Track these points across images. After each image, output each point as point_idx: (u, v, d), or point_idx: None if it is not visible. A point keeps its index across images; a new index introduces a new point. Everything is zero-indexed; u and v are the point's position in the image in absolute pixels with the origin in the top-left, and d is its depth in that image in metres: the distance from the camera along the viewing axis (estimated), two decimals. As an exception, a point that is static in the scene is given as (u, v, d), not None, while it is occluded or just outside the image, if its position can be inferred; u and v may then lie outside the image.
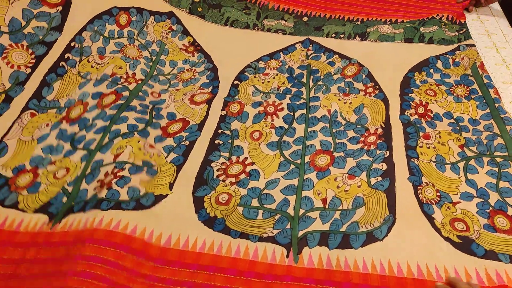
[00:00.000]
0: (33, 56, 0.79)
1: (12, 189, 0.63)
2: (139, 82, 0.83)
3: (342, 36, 1.00)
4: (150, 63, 0.90)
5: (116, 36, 0.91)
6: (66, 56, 0.82)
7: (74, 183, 0.64)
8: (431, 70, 0.88)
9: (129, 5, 0.95)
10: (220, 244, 0.57)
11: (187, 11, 1.03)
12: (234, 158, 0.71)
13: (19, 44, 0.78)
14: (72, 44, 0.84)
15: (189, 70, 0.91)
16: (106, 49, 0.87)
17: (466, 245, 0.56)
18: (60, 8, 0.86)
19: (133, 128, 0.73)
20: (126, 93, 0.79)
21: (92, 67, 0.83)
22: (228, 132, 0.76)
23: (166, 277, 0.53)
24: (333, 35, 1.00)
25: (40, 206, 0.62)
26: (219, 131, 0.76)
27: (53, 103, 0.76)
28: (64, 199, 0.62)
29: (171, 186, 0.65)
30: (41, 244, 0.57)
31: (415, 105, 0.79)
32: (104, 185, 0.63)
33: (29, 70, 0.78)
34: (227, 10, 1.06)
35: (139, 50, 0.91)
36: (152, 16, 0.97)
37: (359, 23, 1.04)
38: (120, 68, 0.84)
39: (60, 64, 0.80)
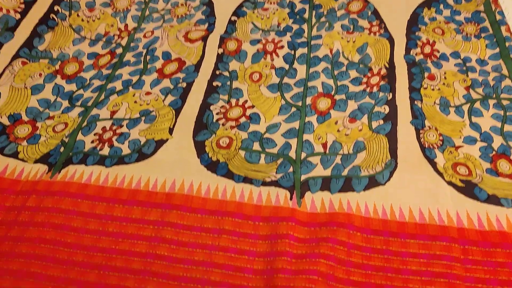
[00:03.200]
0: (22, 0, 0.77)
1: (11, 139, 0.64)
2: (131, 32, 0.80)
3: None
4: (143, 6, 0.85)
5: None
6: (55, 8, 0.80)
7: (71, 135, 0.64)
8: (441, 6, 0.83)
9: None
10: (224, 189, 0.57)
11: None
12: (233, 101, 0.69)
13: None
14: None
15: (183, 4, 0.86)
16: (95, 1, 0.84)
17: (469, 189, 0.56)
18: None
19: (127, 83, 0.72)
20: (119, 50, 0.77)
21: (82, 20, 0.81)
22: (226, 74, 0.73)
23: (174, 222, 0.54)
24: None
25: (40, 156, 0.62)
26: (217, 72, 0.73)
27: (45, 53, 0.75)
28: (62, 149, 0.62)
29: (170, 131, 0.64)
30: (41, 192, 0.57)
31: (421, 44, 0.76)
32: (104, 142, 0.63)
33: (18, 16, 0.76)
34: None
35: None
36: None
37: None
38: (112, 25, 0.82)
39: (51, 17, 0.79)
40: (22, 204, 0.56)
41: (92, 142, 0.63)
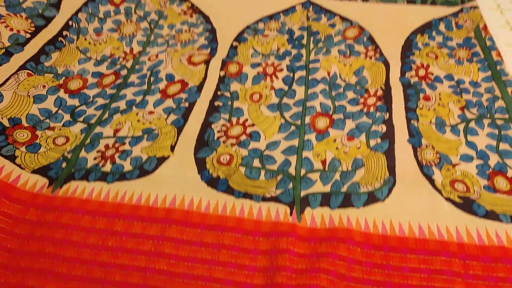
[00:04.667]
0: (32, 25, 0.80)
1: (9, 141, 0.64)
2: (136, 55, 0.83)
3: (343, -4, 0.97)
4: (149, 32, 0.89)
5: (112, 14, 0.89)
6: (64, 33, 0.83)
7: (73, 151, 0.65)
8: (434, 33, 0.86)
9: None
10: (224, 204, 0.57)
11: None
12: (234, 119, 0.70)
13: (18, 15, 0.78)
14: (70, 23, 0.84)
15: (187, 31, 0.89)
16: (103, 27, 0.88)
17: (467, 204, 0.56)
18: None
19: (131, 103, 0.73)
20: (124, 72, 0.79)
21: (89, 43, 0.84)
22: (227, 94, 0.75)
23: (174, 237, 0.54)
24: None
25: (38, 167, 0.62)
26: (219, 93, 0.75)
27: (50, 68, 0.77)
28: (64, 165, 0.62)
29: (172, 148, 0.65)
30: (41, 207, 0.57)
31: (416, 68, 0.78)
32: (107, 159, 0.63)
33: (28, 35, 0.78)
34: None
35: (137, 23, 0.90)
36: None
37: None
38: (118, 48, 0.85)
39: (59, 40, 0.81)
40: (21, 216, 0.56)
41: (95, 159, 0.64)
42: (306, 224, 0.55)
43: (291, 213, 0.56)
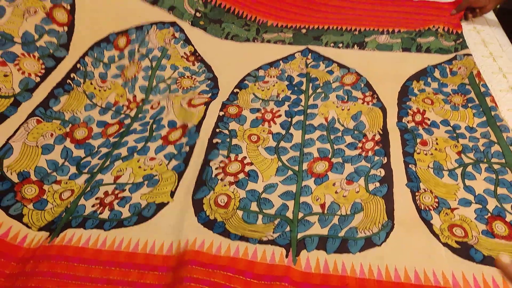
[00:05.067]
0: (43, 66, 0.83)
1: (18, 198, 0.64)
2: (140, 104, 0.85)
3: (340, 45, 1.01)
4: (150, 72, 0.91)
5: (116, 59, 0.93)
6: (71, 75, 0.86)
7: (74, 201, 0.65)
8: (429, 79, 0.89)
9: (128, 26, 0.96)
10: (219, 245, 0.57)
11: (190, 23, 1.04)
12: (232, 156, 0.71)
13: (31, 54, 0.82)
14: (78, 65, 0.87)
15: (190, 77, 0.92)
16: (107, 73, 0.91)
17: (464, 250, 0.56)
18: (65, 28, 0.89)
19: (132, 150, 0.74)
20: (128, 121, 0.82)
21: (95, 88, 0.86)
22: (226, 131, 0.76)
23: (169, 283, 0.53)
24: (332, 44, 1.02)
25: (44, 224, 0.62)
26: (217, 130, 0.76)
27: (58, 114, 0.79)
28: (63, 215, 0.63)
29: (172, 194, 0.65)
30: (39, 258, 0.56)
31: (412, 113, 0.80)
32: (105, 205, 0.63)
33: (38, 79, 0.81)
34: (227, 25, 1.07)
35: (139, 63, 0.92)
36: (154, 25, 0.98)
37: (356, 33, 1.06)
38: (121, 96, 0.87)
39: (67, 82, 0.84)
40: (20, 271, 0.55)
41: (93, 206, 0.64)
42: (301, 267, 0.55)
43: (287, 255, 0.56)
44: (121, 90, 0.88)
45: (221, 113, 0.81)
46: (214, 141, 0.74)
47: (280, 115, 0.81)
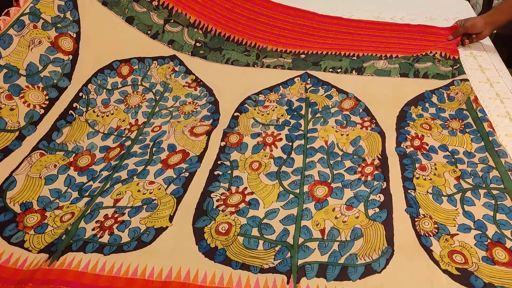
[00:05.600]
0: (47, 97, 0.85)
1: (19, 227, 0.65)
2: (141, 126, 0.87)
3: (339, 70, 1.03)
4: (153, 103, 0.94)
5: (119, 86, 0.95)
6: (74, 105, 0.88)
7: (74, 223, 0.65)
8: (427, 105, 0.90)
9: (130, 56, 0.99)
10: (221, 276, 0.57)
11: (190, 54, 1.07)
12: (233, 188, 0.72)
13: (35, 86, 0.84)
14: (80, 94, 0.90)
15: (191, 103, 0.94)
16: (110, 99, 0.93)
17: (464, 277, 0.56)
18: (70, 56, 0.91)
19: (132, 173, 0.75)
20: (128, 143, 0.83)
21: (97, 116, 0.89)
22: (227, 163, 0.77)
23: None
24: (330, 69, 1.04)
25: (44, 246, 0.62)
26: (219, 162, 0.77)
27: (61, 146, 0.81)
28: (63, 237, 0.63)
29: (171, 218, 0.66)
30: (38, 281, 0.56)
31: (410, 138, 0.81)
32: (105, 229, 0.64)
33: (42, 111, 0.83)
34: (227, 52, 1.10)
35: (143, 95, 0.95)
36: (155, 61, 1.02)
37: (355, 58, 1.08)
38: (124, 120, 0.89)
39: (69, 113, 0.86)
40: None
41: (93, 229, 0.64)
42: None
43: (288, 282, 0.56)
44: (123, 115, 0.90)
45: (223, 144, 0.82)
46: (216, 172, 0.75)
47: (281, 139, 0.82)
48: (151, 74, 0.99)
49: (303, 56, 1.10)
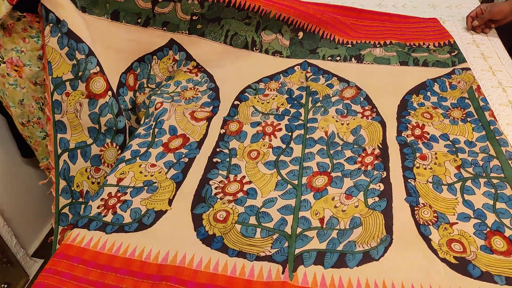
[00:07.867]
0: (118, 149, 0.87)
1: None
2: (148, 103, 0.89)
3: (338, 58, 1.02)
4: (158, 91, 0.94)
5: (130, 104, 0.93)
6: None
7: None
8: (428, 93, 0.89)
9: (130, 59, 0.93)
10: (216, 262, 0.57)
11: (187, 32, 1.01)
12: (232, 176, 0.72)
13: (113, 143, 0.86)
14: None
15: (192, 88, 0.94)
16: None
17: (462, 266, 0.56)
18: (110, 93, 0.85)
19: (135, 154, 0.77)
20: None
21: None
22: (226, 151, 0.77)
23: None
24: (329, 58, 1.02)
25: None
26: (218, 150, 0.77)
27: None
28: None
29: (170, 202, 0.67)
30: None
31: (411, 127, 0.80)
32: (109, 208, 0.66)
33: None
34: (227, 21, 1.00)
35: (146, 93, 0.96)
36: (154, 56, 0.96)
37: (350, 46, 1.06)
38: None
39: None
40: None
41: (98, 207, 0.67)
42: (298, 282, 0.54)
43: (283, 272, 0.56)
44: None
45: (222, 131, 0.82)
46: (214, 160, 0.75)
47: (280, 129, 0.82)
48: (154, 73, 0.97)
49: (300, 34, 1.06)
